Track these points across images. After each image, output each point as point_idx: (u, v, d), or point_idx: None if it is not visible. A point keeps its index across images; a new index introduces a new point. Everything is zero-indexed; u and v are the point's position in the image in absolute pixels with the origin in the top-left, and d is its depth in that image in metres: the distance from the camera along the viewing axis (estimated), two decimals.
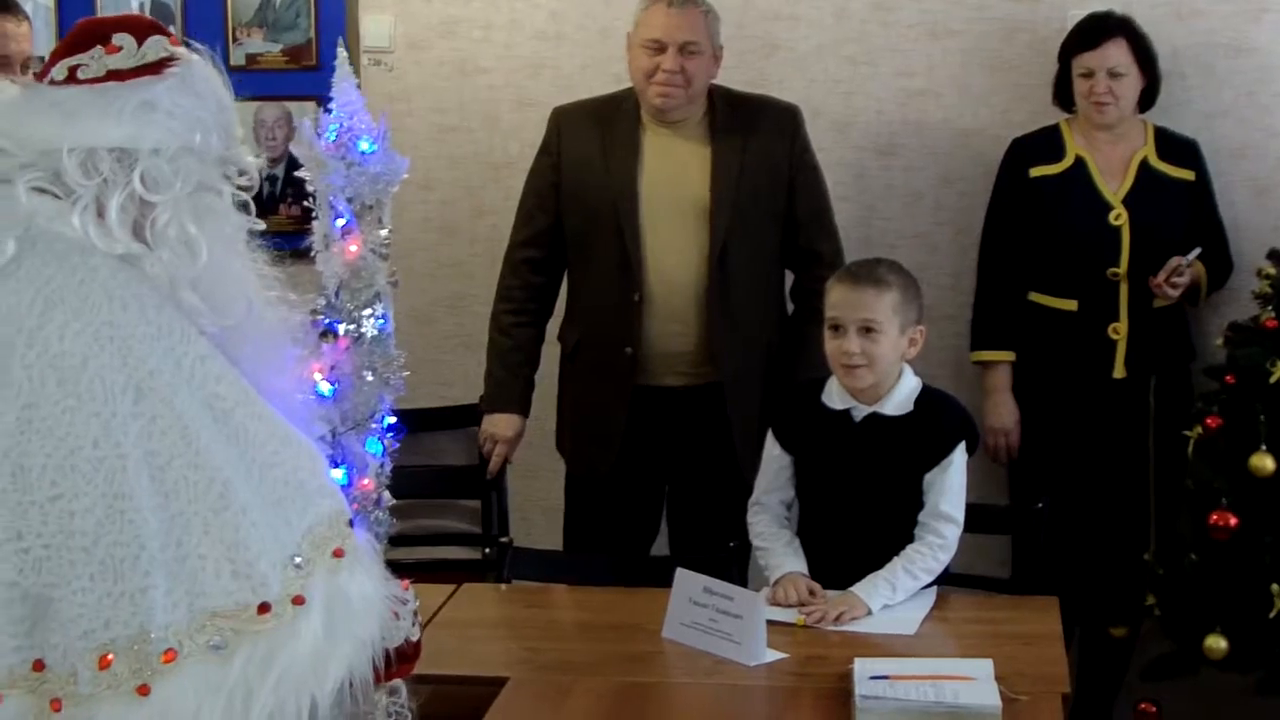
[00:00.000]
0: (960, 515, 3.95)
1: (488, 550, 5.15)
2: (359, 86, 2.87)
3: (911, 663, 3.45)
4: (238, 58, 5.72)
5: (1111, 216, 4.90)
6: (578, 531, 4.95)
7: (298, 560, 2.24)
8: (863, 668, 3.37)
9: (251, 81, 5.65)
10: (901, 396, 3.98)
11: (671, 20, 4.64)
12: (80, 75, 2.33)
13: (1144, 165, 4.97)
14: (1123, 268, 4.89)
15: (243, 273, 2.40)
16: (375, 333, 2.72)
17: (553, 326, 4.99)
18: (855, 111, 5.46)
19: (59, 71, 2.36)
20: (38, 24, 4.68)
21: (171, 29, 2.50)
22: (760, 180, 4.73)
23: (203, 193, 2.37)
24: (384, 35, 5.66)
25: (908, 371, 4.02)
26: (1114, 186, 4.96)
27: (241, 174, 2.48)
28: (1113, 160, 4.97)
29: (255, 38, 5.72)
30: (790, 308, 4.97)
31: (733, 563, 4.21)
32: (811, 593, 3.85)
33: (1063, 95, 5.04)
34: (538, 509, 5.58)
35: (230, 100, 2.47)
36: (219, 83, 2.45)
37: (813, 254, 4.79)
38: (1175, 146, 5.02)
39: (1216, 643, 4.58)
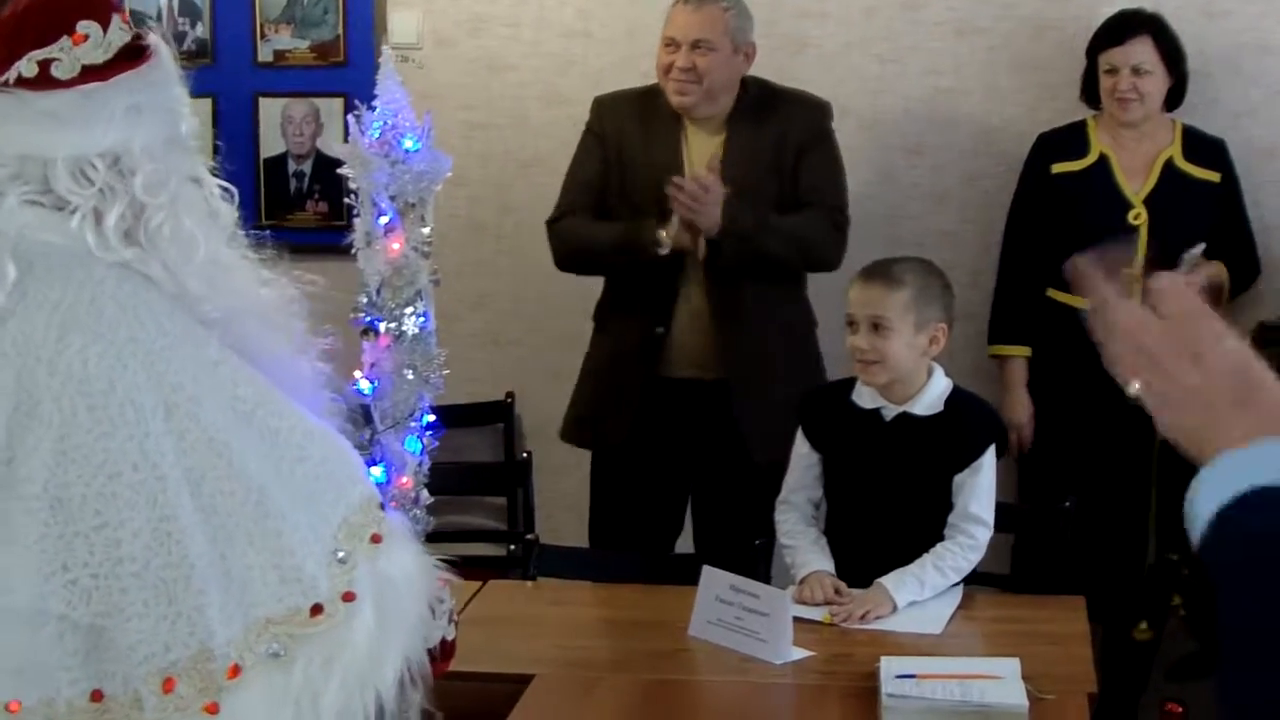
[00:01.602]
0: (990, 518, 3.94)
1: (513, 547, 5.16)
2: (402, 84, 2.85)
3: (938, 661, 3.45)
4: (265, 54, 5.73)
5: (1131, 215, 4.88)
6: (602, 513, 4.98)
7: (340, 555, 2.21)
8: (889, 666, 3.37)
9: (279, 78, 5.69)
10: (932, 397, 3.98)
11: (686, 18, 4.70)
12: (55, 73, 2.23)
13: (1168, 165, 4.95)
14: (1137, 268, 4.86)
15: (237, 260, 2.34)
16: (416, 331, 2.69)
17: (577, 304, 5.00)
18: (883, 110, 5.46)
19: (28, 68, 2.22)
20: None
21: (199, 25, 2.45)
22: (766, 167, 4.76)
23: (187, 184, 2.31)
24: (412, 32, 5.67)
25: (938, 371, 4.02)
26: (1136, 185, 4.94)
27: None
28: (1137, 159, 4.96)
29: (283, 34, 5.73)
30: (812, 310, 4.99)
31: (759, 561, 4.21)
32: (837, 591, 3.85)
33: (1090, 92, 5.03)
34: (563, 506, 5.59)
35: (178, 70, 2.36)
36: (172, 57, 2.36)
37: (809, 204, 4.81)
38: (1202, 146, 5.00)
39: None
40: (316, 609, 2.17)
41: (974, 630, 3.79)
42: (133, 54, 2.28)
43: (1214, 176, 4.97)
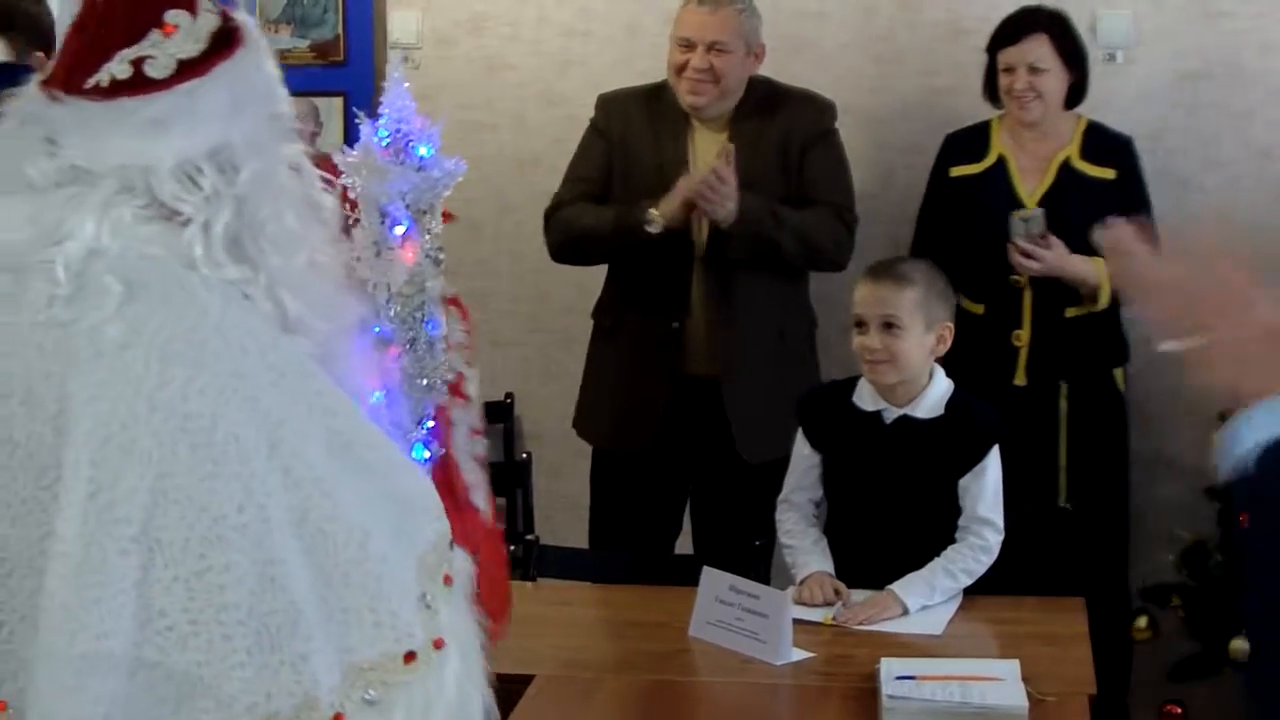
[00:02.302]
0: (1000, 520, 3.92)
1: (513, 548, 5.15)
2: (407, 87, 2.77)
3: (938, 663, 3.44)
4: None
5: None
6: (602, 513, 4.99)
7: (428, 600, 2.11)
8: (889, 668, 3.37)
9: None
10: (933, 399, 3.97)
11: (702, 19, 4.71)
12: (150, 72, 2.09)
13: (1065, 165, 4.87)
14: (1024, 276, 4.81)
15: (334, 264, 2.24)
16: (428, 337, 2.62)
17: (577, 303, 5.00)
18: (881, 109, 5.46)
19: (121, 69, 2.09)
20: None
21: None
22: (772, 165, 4.78)
23: (289, 175, 2.18)
24: (412, 31, 5.67)
25: (939, 373, 4.01)
26: (1031, 187, 4.88)
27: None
28: (1036, 160, 4.88)
29: (283, 33, 5.73)
30: (813, 308, 4.99)
31: (759, 561, 4.21)
32: (837, 592, 3.85)
33: (991, 91, 4.97)
34: (562, 506, 5.59)
35: (268, 44, 2.23)
36: (259, 31, 2.21)
37: (814, 202, 4.84)
38: (1103, 144, 4.91)
39: (1242, 645, 4.57)
40: (410, 655, 2.07)
41: (974, 632, 3.78)
42: (225, 38, 2.14)
43: (1109, 174, 4.87)
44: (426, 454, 2.60)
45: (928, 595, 3.82)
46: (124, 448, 1.98)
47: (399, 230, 2.58)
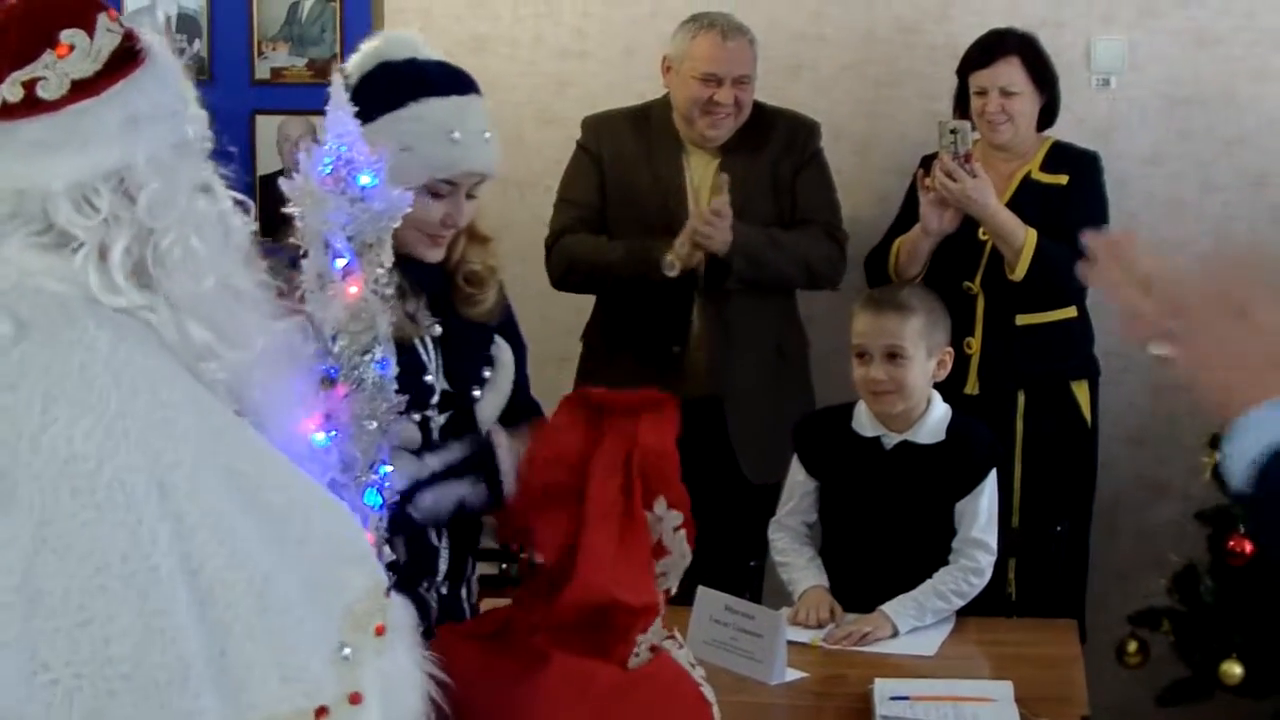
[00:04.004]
0: (993, 542, 3.94)
1: (505, 566, 5.16)
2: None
3: (931, 684, 3.46)
4: (263, 71, 5.73)
5: (980, 231, 4.79)
6: None
7: (346, 652, 2.00)
8: (883, 688, 3.38)
9: (276, 95, 5.69)
10: (933, 424, 3.98)
11: (727, 54, 4.74)
12: (42, 94, 2.01)
13: (1025, 180, 4.87)
14: (976, 283, 4.82)
15: (249, 287, 2.14)
16: (377, 378, 2.49)
17: (577, 326, 5.00)
18: (878, 133, 5.48)
19: (12, 90, 2.02)
20: None
21: (197, 42, 2.32)
22: (760, 190, 4.80)
23: (197, 196, 2.11)
24: None
25: (936, 397, 4.02)
26: None
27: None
28: (1000, 178, 4.85)
29: (281, 51, 5.74)
30: (803, 326, 5.00)
31: (752, 582, 4.21)
32: (832, 612, 3.85)
33: (963, 112, 4.96)
34: None
35: (179, 65, 2.17)
36: (169, 52, 2.15)
37: (806, 222, 4.87)
38: (1063, 156, 4.91)
39: (1232, 669, 4.58)
40: (321, 710, 1.96)
41: (967, 653, 3.79)
42: (125, 58, 2.08)
43: (1062, 179, 4.85)
44: (379, 499, 2.51)
45: (919, 616, 3.83)
46: (6, 494, 1.89)
47: (340, 263, 2.47)
